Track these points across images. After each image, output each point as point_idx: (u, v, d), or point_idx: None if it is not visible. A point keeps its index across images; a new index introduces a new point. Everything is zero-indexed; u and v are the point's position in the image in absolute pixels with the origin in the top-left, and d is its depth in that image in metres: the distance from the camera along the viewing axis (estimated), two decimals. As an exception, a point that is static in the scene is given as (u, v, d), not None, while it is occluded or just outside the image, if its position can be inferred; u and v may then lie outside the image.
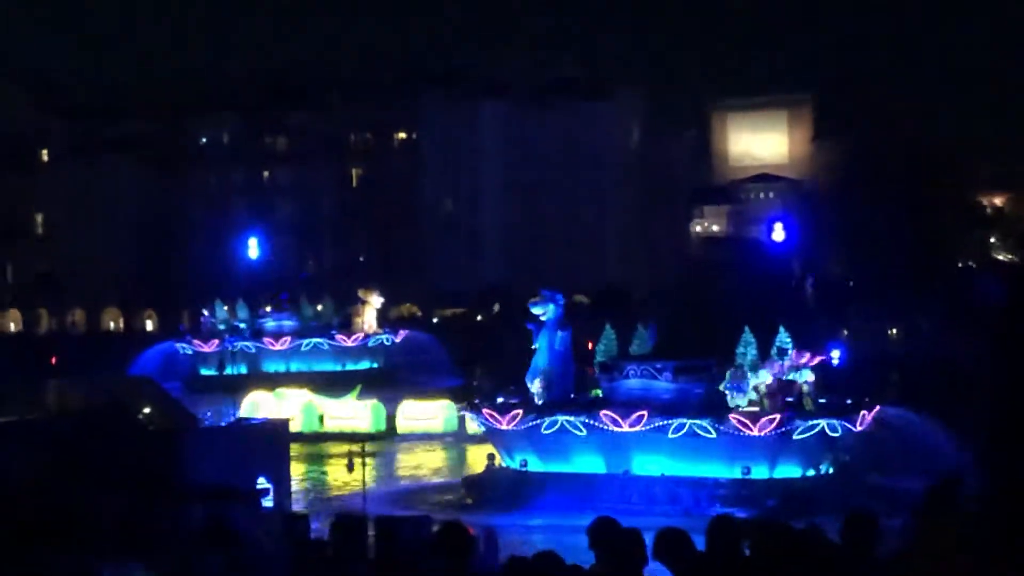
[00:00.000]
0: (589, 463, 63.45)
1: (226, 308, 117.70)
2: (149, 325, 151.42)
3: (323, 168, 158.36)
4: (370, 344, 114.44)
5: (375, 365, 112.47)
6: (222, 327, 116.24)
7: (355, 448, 57.14)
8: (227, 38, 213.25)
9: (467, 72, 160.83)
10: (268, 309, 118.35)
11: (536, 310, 65.85)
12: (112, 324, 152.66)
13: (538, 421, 63.28)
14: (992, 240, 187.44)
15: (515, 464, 64.68)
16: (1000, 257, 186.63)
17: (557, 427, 62.77)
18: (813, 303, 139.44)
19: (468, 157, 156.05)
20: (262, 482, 55.62)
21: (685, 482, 60.18)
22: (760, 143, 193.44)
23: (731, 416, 59.00)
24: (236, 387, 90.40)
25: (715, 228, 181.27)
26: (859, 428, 60.41)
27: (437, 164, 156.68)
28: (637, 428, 61.19)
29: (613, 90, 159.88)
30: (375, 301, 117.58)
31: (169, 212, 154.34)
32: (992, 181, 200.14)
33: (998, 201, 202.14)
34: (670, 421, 60.30)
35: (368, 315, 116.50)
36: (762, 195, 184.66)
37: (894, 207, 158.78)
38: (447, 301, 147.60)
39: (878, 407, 61.95)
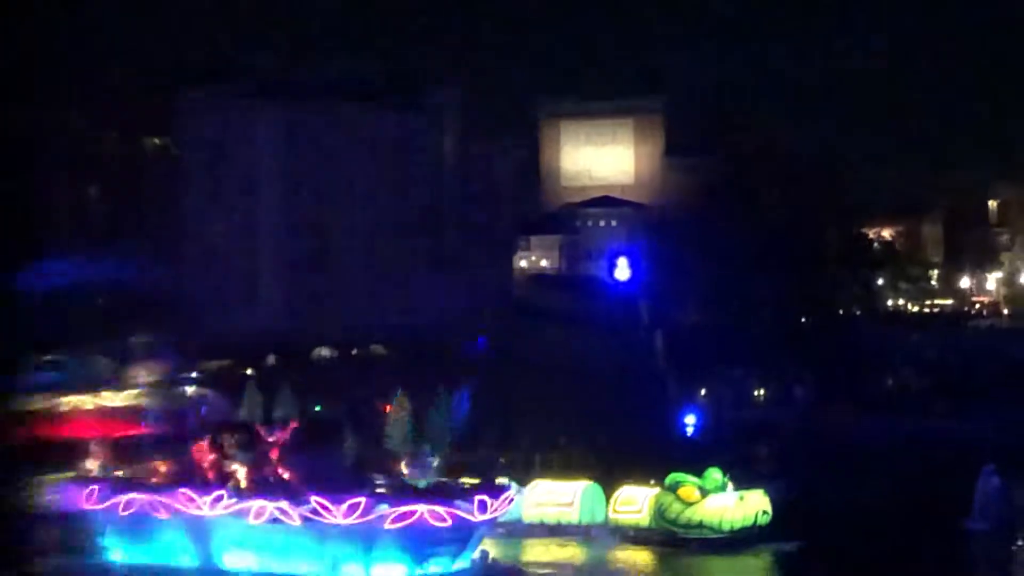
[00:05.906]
0: (179, 555, 64.20)
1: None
2: None
3: (49, 180, 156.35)
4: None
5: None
6: None
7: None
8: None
9: (239, 69, 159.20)
10: None
11: None
12: None
13: (115, 500, 64.46)
14: (880, 282, 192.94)
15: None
16: (890, 304, 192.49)
17: (136, 508, 63.83)
18: (664, 358, 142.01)
19: (241, 171, 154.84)
20: None
21: None
22: (601, 159, 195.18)
23: (312, 498, 61.08)
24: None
25: (544, 263, 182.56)
26: (480, 517, 61.45)
27: (201, 180, 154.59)
28: (217, 511, 62.68)
29: (420, 90, 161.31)
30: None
31: None
32: (881, 210, 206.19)
33: (887, 234, 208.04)
34: (249, 504, 62.19)
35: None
36: (602, 223, 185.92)
37: (762, 240, 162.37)
38: (211, 351, 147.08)
39: (511, 492, 64.04)
